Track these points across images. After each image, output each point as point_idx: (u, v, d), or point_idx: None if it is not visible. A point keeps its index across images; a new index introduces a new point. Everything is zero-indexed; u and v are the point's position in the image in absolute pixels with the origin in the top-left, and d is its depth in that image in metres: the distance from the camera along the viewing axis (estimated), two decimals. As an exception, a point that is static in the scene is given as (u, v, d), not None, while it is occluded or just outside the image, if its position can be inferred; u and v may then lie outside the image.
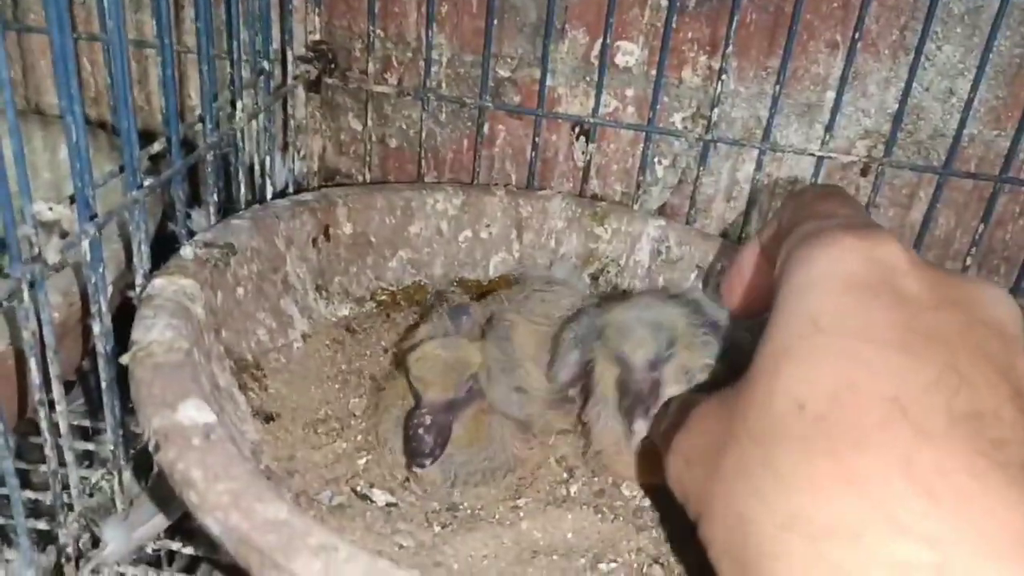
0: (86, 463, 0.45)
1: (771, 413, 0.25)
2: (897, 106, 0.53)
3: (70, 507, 0.39)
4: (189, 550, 0.41)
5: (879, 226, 0.29)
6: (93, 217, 0.35)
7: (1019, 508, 0.22)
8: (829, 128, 0.53)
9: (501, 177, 0.61)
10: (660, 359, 0.40)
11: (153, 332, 0.35)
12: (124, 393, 0.39)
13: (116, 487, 0.41)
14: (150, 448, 0.31)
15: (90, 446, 0.47)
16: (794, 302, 0.27)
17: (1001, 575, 0.21)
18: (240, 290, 0.43)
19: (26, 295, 0.32)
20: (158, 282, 0.38)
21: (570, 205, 0.56)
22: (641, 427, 0.38)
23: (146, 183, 0.39)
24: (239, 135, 0.49)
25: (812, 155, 0.55)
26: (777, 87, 0.53)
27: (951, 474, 0.22)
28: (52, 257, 0.32)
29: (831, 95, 0.54)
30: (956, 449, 0.22)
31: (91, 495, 0.43)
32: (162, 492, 0.43)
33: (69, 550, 0.39)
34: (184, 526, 0.43)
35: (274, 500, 0.28)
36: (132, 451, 0.44)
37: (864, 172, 0.57)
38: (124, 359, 0.34)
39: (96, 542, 0.41)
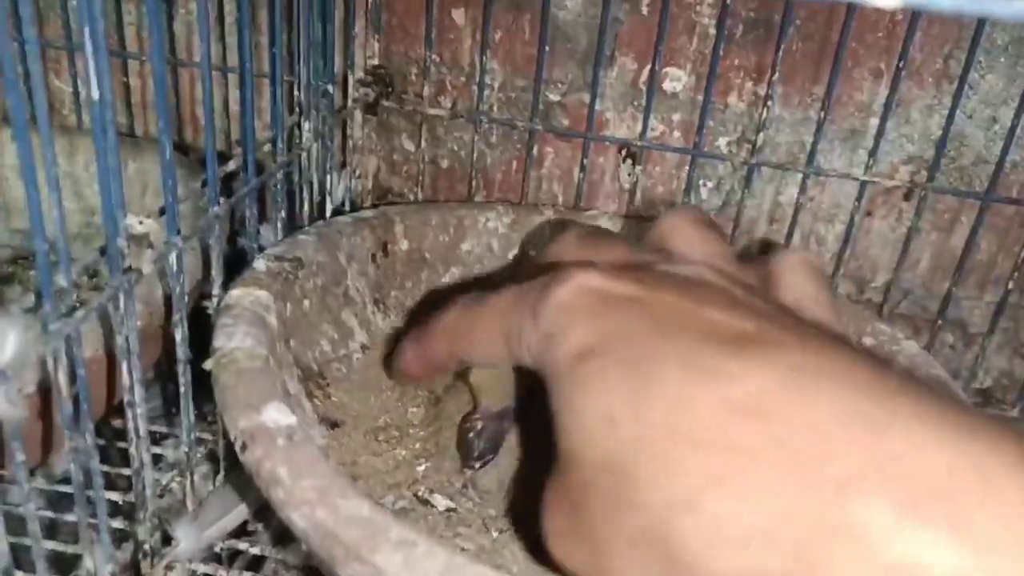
0: (158, 466, 0.47)
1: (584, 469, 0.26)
2: (940, 133, 0.54)
3: (146, 507, 0.42)
4: (255, 550, 0.43)
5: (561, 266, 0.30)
6: (179, 231, 0.37)
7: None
8: (872, 153, 0.55)
9: (548, 197, 0.63)
10: None
11: (234, 339, 0.37)
12: (194, 398, 0.42)
13: (187, 488, 0.43)
14: (236, 448, 0.32)
15: (158, 450, 0.49)
16: (554, 353, 0.28)
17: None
18: (306, 302, 0.45)
19: (122, 303, 0.34)
20: (235, 293, 0.40)
21: (616, 224, 0.58)
22: None
23: (224, 201, 0.41)
24: (304, 155, 0.51)
25: (855, 179, 0.56)
26: (822, 113, 0.54)
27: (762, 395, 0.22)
28: (146, 268, 0.34)
29: (875, 121, 0.56)
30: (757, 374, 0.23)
31: (162, 496, 0.45)
32: (230, 494, 0.45)
33: (146, 547, 0.41)
34: (248, 528, 0.45)
35: (356, 497, 0.30)
36: (201, 454, 0.46)
37: (907, 197, 0.58)
38: (207, 364, 0.36)
39: (167, 540, 0.43)
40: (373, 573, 0.28)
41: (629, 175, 0.61)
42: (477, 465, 0.40)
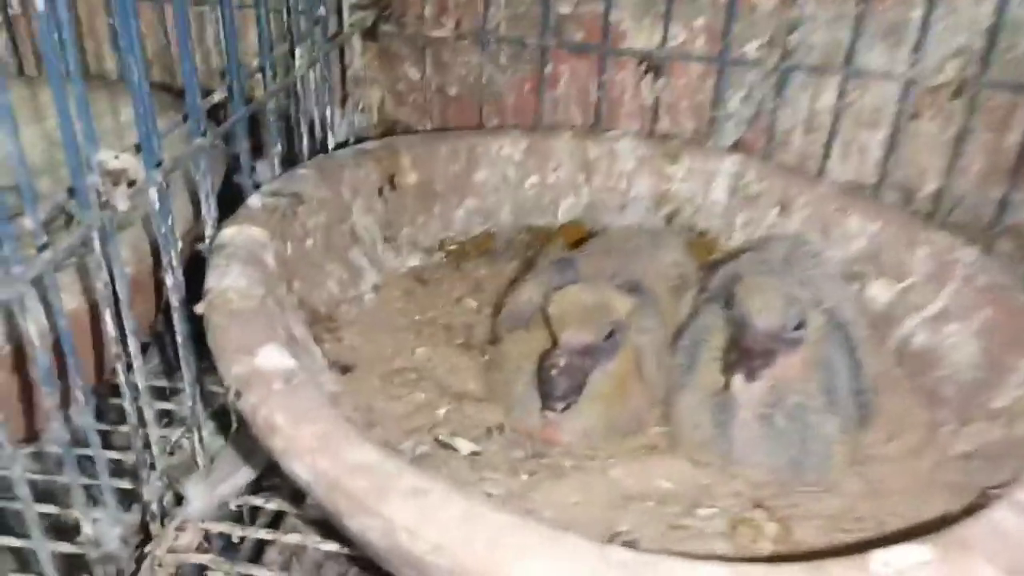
0: (165, 422, 0.45)
1: None
2: (991, 21, 0.49)
3: (152, 466, 0.39)
4: (273, 505, 0.41)
5: None
6: (159, 164, 0.34)
7: None
8: (917, 49, 0.50)
9: (566, 120, 0.59)
10: (784, 333, 0.36)
11: (227, 279, 0.34)
12: (200, 351, 0.39)
13: (196, 444, 0.41)
14: (230, 397, 0.30)
15: (169, 406, 0.47)
16: None
17: None
18: (309, 241, 0.42)
19: (97, 244, 0.31)
20: (228, 231, 0.37)
21: (640, 145, 0.54)
22: (740, 386, 0.35)
23: (210, 131, 0.38)
24: (298, 84, 0.48)
25: (899, 79, 0.51)
26: (859, 7, 0.49)
27: None
28: (121, 204, 0.31)
29: (918, 13, 0.51)
30: None
31: (172, 453, 0.43)
32: (243, 448, 0.42)
33: (154, 508, 0.39)
34: (266, 483, 0.43)
35: (363, 443, 0.27)
36: (210, 409, 0.43)
37: (956, 95, 0.53)
38: (199, 308, 0.33)
39: (180, 500, 0.41)
40: (384, 526, 0.25)
41: (651, 90, 0.56)
42: (560, 406, 0.36)
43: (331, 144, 0.53)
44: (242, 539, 0.40)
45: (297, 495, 0.41)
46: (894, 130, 0.52)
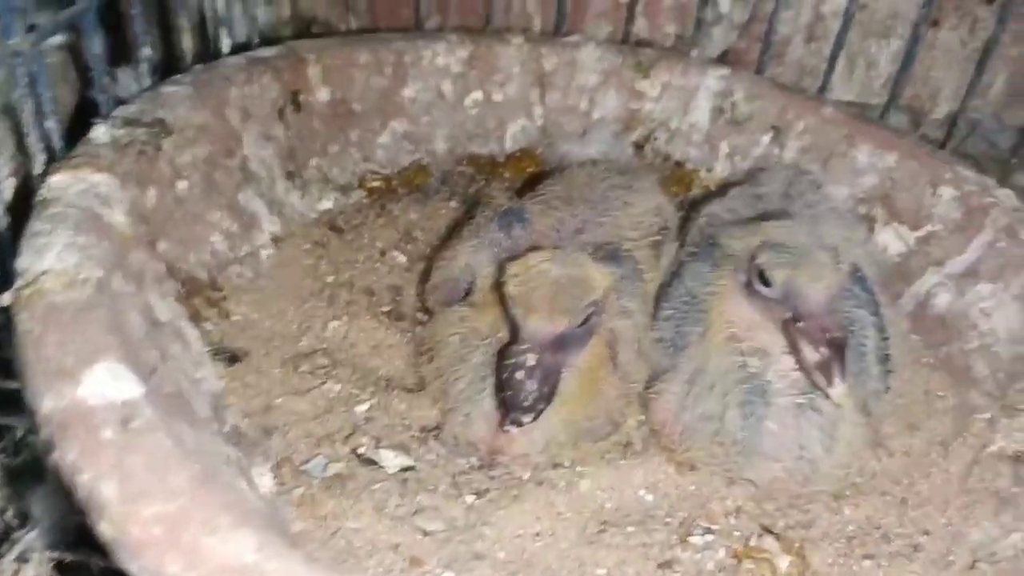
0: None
1: None
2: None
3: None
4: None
5: None
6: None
7: None
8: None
9: (522, 21, 0.49)
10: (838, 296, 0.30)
11: (47, 257, 0.24)
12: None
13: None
14: (40, 443, 0.20)
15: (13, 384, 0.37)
16: None
17: None
18: (182, 184, 0.32)
19: None
20: (57, 180, 0.27)
21: (606, 55, 0.45)
22: (841, 393, 0.28)
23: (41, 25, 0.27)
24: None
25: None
26: None
27: None
28: None
29: None
30: None
31: (17, 453, 0.33)
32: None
33: (-21, 537, 0.30)
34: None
35: (236, 526, 0.18)
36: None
37: (989, -1, 0.44)
38: (4, 298, 0.23)
39: (23, 519, 0.32)
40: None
41: (626, -17, 0.47)
42: (528, 419, 0.27)
43: (225, 47, 0.43)
44: (106, 571, 0.31)
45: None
46: (911, 40, 0.43)
